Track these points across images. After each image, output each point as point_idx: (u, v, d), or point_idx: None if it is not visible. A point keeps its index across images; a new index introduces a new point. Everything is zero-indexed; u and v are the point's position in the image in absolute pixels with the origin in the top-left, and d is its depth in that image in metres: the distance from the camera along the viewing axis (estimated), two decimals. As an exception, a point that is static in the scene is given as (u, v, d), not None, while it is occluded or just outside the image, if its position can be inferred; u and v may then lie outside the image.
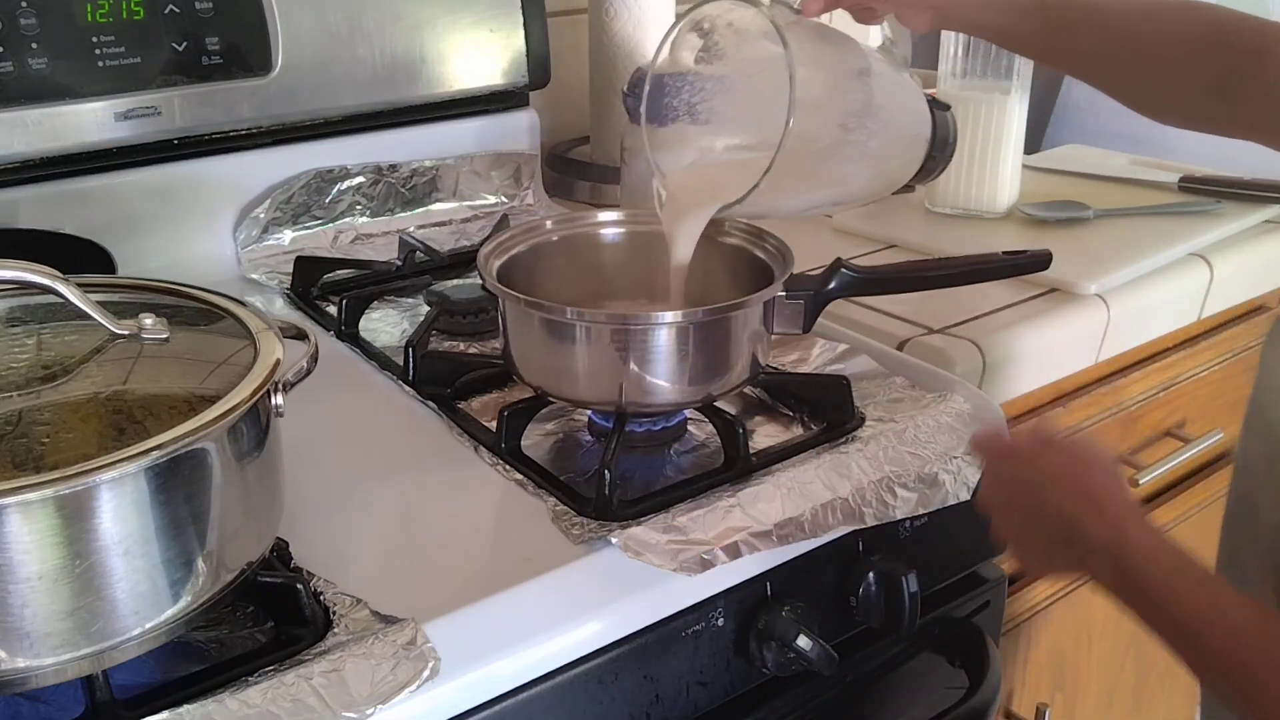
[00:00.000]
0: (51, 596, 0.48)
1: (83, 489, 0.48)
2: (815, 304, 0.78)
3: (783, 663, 0.69)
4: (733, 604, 0.69)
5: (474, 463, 0.75)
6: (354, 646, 0.56)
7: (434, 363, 0.84)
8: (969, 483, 0.76)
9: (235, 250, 1.05)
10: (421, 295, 0.99)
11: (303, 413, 0.62)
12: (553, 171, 1.29)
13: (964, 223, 1.16)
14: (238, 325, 0.61)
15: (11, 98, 0.92)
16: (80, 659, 0.50)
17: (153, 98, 0.98)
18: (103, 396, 0.54)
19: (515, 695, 0.60)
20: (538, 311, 0.73)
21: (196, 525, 0.53)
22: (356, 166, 1.10)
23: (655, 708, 0.67)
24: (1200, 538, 0.91)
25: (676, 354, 0.72)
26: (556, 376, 0.75)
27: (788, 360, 0.88)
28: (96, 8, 0.94)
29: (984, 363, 0.92)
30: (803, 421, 0.81)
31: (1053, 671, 1.18)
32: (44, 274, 0.56)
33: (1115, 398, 1.09)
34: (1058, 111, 1.68)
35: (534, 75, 1.19)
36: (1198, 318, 1.13)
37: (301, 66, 1.05)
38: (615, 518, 0.67)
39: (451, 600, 0.60)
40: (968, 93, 1.14)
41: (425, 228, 1.14)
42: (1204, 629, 0.58)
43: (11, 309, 0.61)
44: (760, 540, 0.67)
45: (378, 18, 1.08)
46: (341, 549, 0.65)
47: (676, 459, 0.77)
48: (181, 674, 0.56)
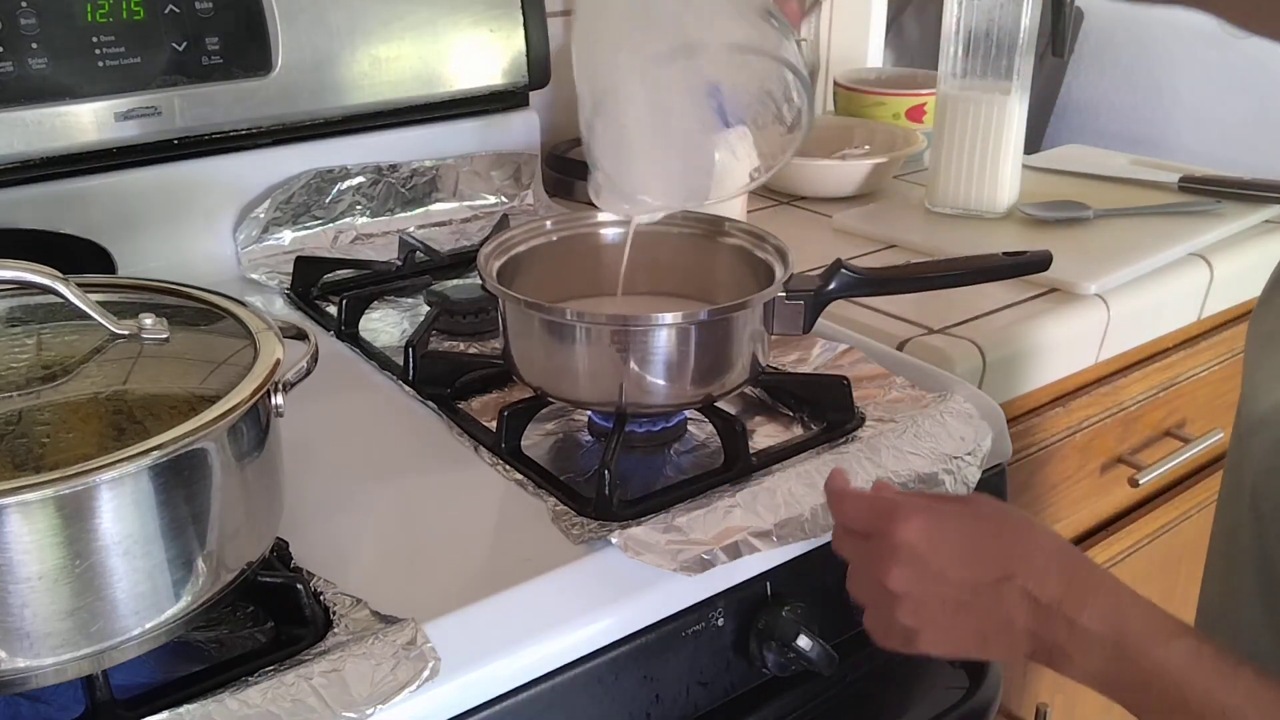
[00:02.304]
0: (51, 596, 0.48)
1: (83, 489, 0.48)
2: (815, 304, 0.78)
3: (783, 663, 0.69)
4: (733, 604, 0.69)
5: (474, 463, 0.75)
6: (354, 646, 0.56)
7: (434, 363, 0.84)
8: (969, 483, 0.76)
9: (235, 250, 1.05)
10: (421, 295, 0.99)
11: (303, 413, 0.62)
12: (553, 171, 1.29)
13: (964, 223, 1.16)
14: (238, 325, 0.61)
15: (11, 98, 0.92)
16: (80, 659, 0.50)
17: (153, 98, 0.98)
18: (103, 396, 0.54)
19: (515, 695, 0.60)
20: (538, 312, 0.73)
21: (196, 525, 0.53)
22: (356, 166, 1.10)
23: (655, 708, 0.67)
24: (1200, 538, 0.92)
25: (677, 355, 0.72)
26: (556, 377, 0.75)
27: (788, 360, 0.88)
28: (96, 8, 0.94)
29: (984, 363, 0.92)
30: (803, 421, 0.81)
31: (1053, 671, 1.18)
32: (44, 274, 0.56)
33: (1115, 398, 1.09)
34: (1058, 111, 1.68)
35: (534, 75, 1.19)
36: (1198, 318, 1.13)
37: (301, 66, 1.05)
38: (615, 518, 0.67)
39: (451, 600, 0.60)
40: (968, 93, 1.14)
41: (425, 228, 1.14)
42: (1247, 710, 0.52)
43: (11, 309, 0.61)
44: (760, 540, 0.67)
45: (378, 17, 1.08)
46: (341, 549, 0.65)
47: (676, 459, 0.77)
48: (181, 674, 0.56)
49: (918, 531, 0.59)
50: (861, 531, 0.62)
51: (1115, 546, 1.17)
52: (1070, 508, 1.11)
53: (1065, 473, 1.08)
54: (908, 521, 0.59)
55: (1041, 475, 1.05)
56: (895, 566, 0.59)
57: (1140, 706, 0.56)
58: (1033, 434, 1.01)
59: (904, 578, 0.59)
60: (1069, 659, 0.57)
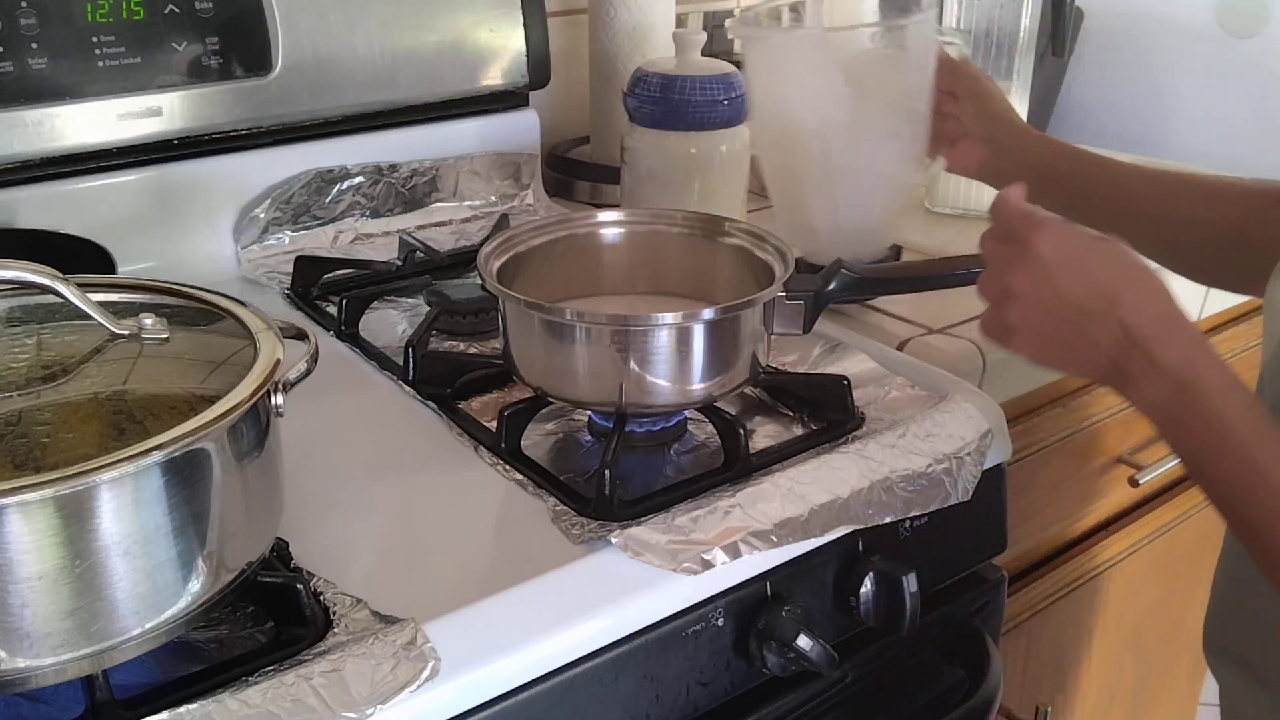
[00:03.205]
0: (51, 596, 0.48)
1: (83, 489, 0.48)
2: (815, 304, 0.78)
3: (783, 663, 0.69)
4: (733, 604, 0.69)
5: (474, 463, 0.75)
6: (354, 646, 0.56)
7: (434, 363, 0.84)
8: (969, 483, 0.76)
9: (235, 250, 1.05)
10: (421, 295, 0.99)
11: (303, 413, 0.62)
12: (553, 171, 1.29)
13: (964, 223, 1.16)
14: (238, 325, 0.61)
15: (11, 98, 0.92)
16: (80, 659, 0.50)
17: (153, 98, 0.98)
18: (103, 396, 0.54)
19: (515, 695, 0.60)
20: (538, 312, 0.73)
21: (196, 525, 0.53)
22: (356, 166, 1.10)
23: (655, 708, 0.67)
24: (1200, 538, 0.92)
25: (677, 355, 0.72)
26: (557, 377, 0.75)
27: (788, 360, 0.88)
28: (96, 8, 0.94)
29: (984, 363, 0.92)
30: (803, 422, 0.81)
31: (1053, 671, 1.18)
32: (44, 274, 0.56)
33: (1115, 398, 1.09)
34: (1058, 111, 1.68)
35: (534, 75, 1.19)
36: (1198, 318, 1.13)
37: (301, 66, 1.05)
38: (615, 518, 0.67)
39: (451, 600, 0.60)
40: (968, 93, 1.13)
41: (425, 228, 1.14)
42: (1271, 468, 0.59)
43: (11, 309, 0.61)
44: (760, 540, 0.67)
45: (378, 18, 1.08)
46: (341, 549, 0.65)
47: (676, 459, 0.77)
48: (181, 674, 0.56)
49: (1050, 245, 0.64)
50: (1004, 236, 0.67)
51: (1115, 546, 1.18)
52: (1070, 508, 1.11)
53: (1065, 473, 1.08)
54: (1045, 234, 0.65)
55: (1041, 475, 1.05)
56: (1021, 270, 0.65)
57: (1184, 444, 0.64)
58: (1033, 434, 1.01)
59: (1024, 281, 0.65)
60: (1138, 388, 0.64)
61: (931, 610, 0.79)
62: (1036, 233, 0.65)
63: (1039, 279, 0.65)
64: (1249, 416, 0.61)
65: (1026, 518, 1.04)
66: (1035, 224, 0.65)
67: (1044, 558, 1.11)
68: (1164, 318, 0.63)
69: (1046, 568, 1.11)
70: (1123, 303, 0.63)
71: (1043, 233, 0.65)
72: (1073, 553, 1.13)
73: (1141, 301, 0.63)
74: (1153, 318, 0.63)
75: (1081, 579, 1.15)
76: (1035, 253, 0.65)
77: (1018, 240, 0.66)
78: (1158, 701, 1.39)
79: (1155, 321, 0.63)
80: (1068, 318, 0.64)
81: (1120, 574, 1.20)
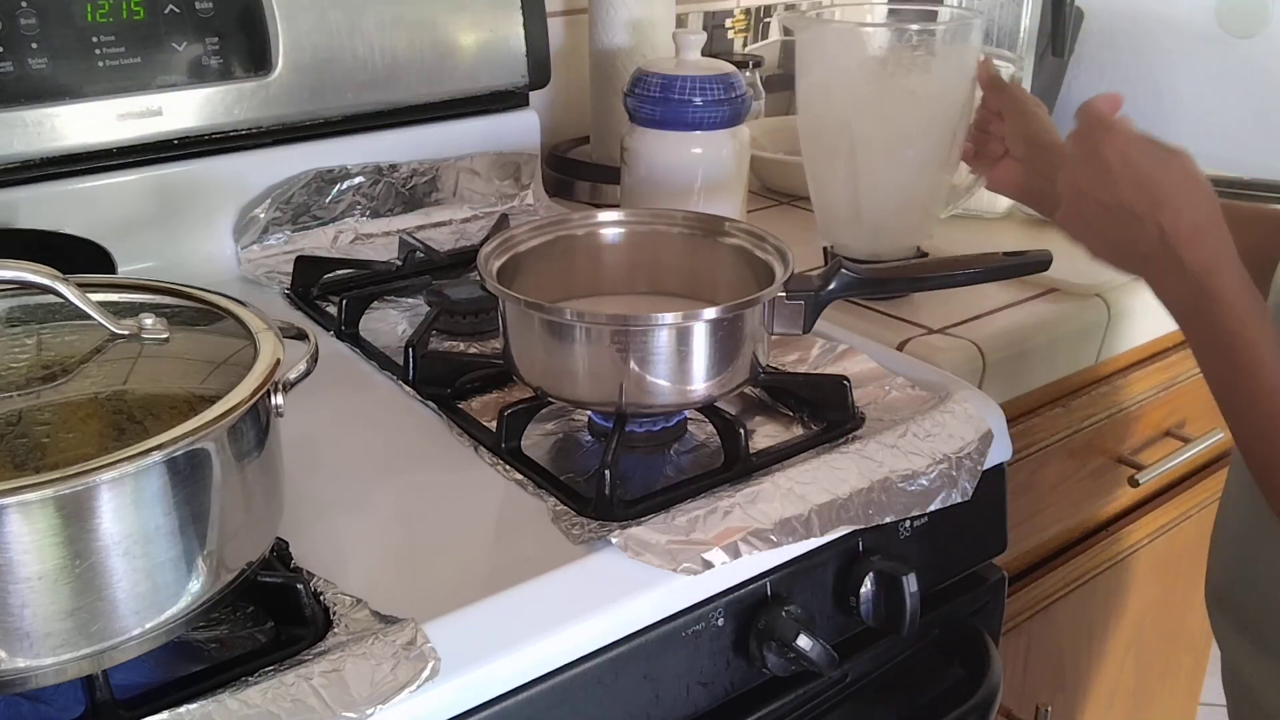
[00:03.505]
0: (51, 596, 0.48)
1: (83, 489, 0.48)
2: (815, 304, 0.78)
3: (783, 663, 0.69)
4: (733, 604, 0.69)
5: (474, 463, 0.75)
6: (354, 647, 0.55)
7: (434, 363, 0.84)
8: (969, 483, 0.76)
9: (235, 250, 1.05)
10: (421, 295, 0.99)
11: (303, 413, 0.62)
12: (553, 171, 1.29)
13: (964, 223, 1.16)
14: (238, 325, 0.61)
15: (11, 98, 0.92)
16: (80, 659, 0.50)
17: (153, 98, 0.98)
18: (103, 396, 0.54)
19: (515, 695, 0.60)
20: (538, 312, 0.73)
21: (196, 525, 0.53)
22: (356, 166, 1.10)
23: (655, 708, 0.67)
24: (1200, 537, 0.92)
25: (677, 355, 0.72)
26: (556, 377, 0.74)
27: (788, 360, 0.88)
28: (96, 8, 0.94)
29: (984, 363, 0.92)
30: (803, 422, 0.81)
31: (1053, 671, 1.18)
32: (44, 274, 0.56)
33: (1115, 398, 1.09)
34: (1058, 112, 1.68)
35: (534, 75, 1.19)
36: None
37: (301, 66, 1.05)
38: (615, 518, 0.67)
39: (451, 600, 0.60)
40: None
41: (425, 228, 1.14)
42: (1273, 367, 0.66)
43: (11, 309, 0.61)
44: (760, 540, 0.67)
45: (378, 18, 1.08)
46: (341, 549, 0.65)
47: (676, 459, 0.77)
48: (181, 674, 0.56)
49: (1114, 149, 0.72)
50: (1081, 138, 0.75)
51: (1115, 546, 1.17)
52: (1070, 508, 1.11)
53: (1065, 473, 1.08)
54: (1112, 139, 0.73)
55: (1041, 475, 1.05)
56: (1087, 169, 0.74)
57: (1197, 341, 0.71)
58: (1033, 434, 1.01)
59: (1087, 180, 0.74)
60: (1164, 285, 0.72)
61: (931, 610, 0.79)
62: (1105, 136, 0.73)
63: (1100, 179, 0.72)
64: (1258, 324, 0.67)
65: (1026, 518, 1.04)
66: (1105, 128, 0.73)
67: (1044, 558, 1.11)
68: (1198, 227, 0.70)
69: (1046, 568, 1.11)
70: (1165, 209, 0.70)
71: (1110, 137, 0.72)
72: (1072, 553, 1.13)
73: (1182, 209, 0.70)
74: (1189, 224, 0.69)
75: (1081, 579, 1.15)
76: (1101, 156, 0.72)
77: (1090, 142, 0.73)
78: (1158, 701, 1.39)
79: (1190, 228, 0.69)
80: (1117, 217, 0.72)
81: (1120, 574, 1.20)
